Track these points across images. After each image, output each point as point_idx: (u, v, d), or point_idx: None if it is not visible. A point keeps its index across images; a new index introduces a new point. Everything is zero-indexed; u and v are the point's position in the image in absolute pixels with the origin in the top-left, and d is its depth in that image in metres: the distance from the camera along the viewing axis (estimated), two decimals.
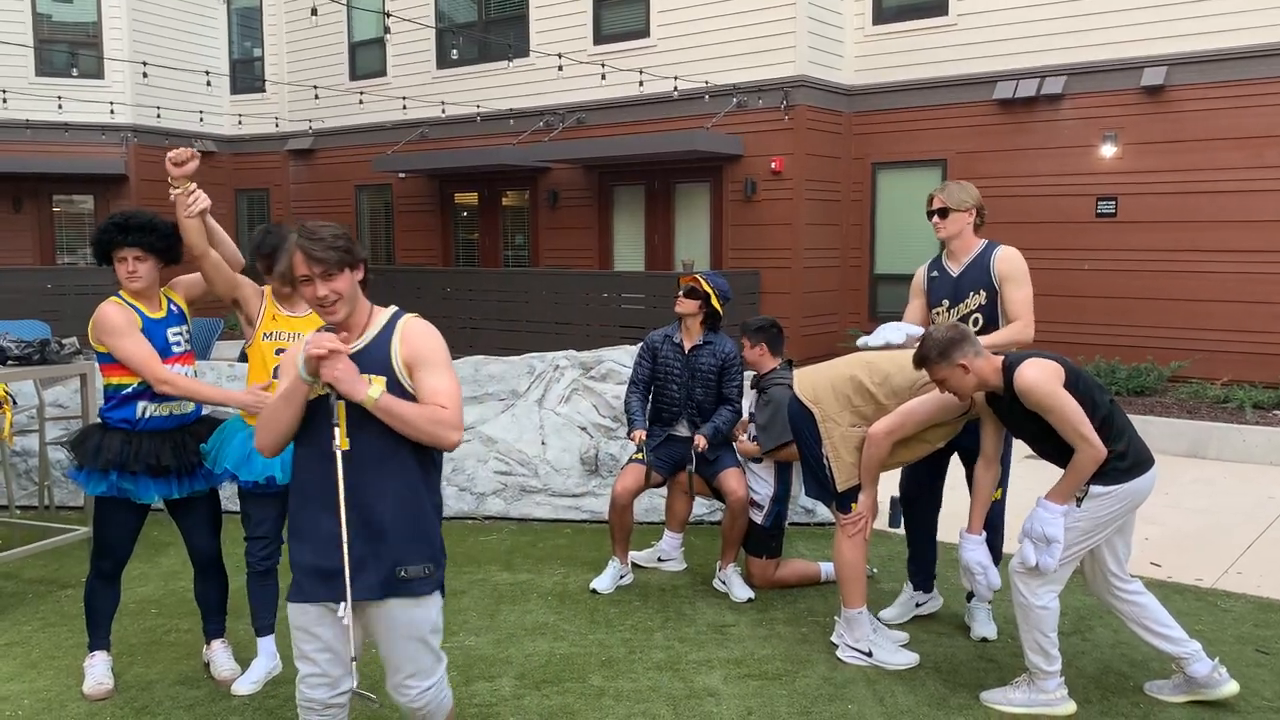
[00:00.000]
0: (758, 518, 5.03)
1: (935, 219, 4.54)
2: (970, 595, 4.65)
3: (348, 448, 2.67)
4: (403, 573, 2.69)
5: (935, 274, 4.63)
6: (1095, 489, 3.62)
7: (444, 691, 2.86)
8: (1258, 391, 9.33)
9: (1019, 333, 4.32)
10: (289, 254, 2.65)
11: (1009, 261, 4.41)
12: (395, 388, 2.69)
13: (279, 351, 3.88)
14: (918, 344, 3.86)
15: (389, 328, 2.76)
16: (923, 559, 4.74)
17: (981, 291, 4.44)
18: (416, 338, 2.73)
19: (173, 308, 3.97)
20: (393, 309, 2.83)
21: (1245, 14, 9.99)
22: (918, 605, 4.76)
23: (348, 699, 2.82)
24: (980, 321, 4.43)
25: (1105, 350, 10.79)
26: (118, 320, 3.76)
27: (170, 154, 3.73)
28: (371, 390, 2.62)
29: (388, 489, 2.70)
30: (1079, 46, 10.90)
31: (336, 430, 2.66)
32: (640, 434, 5.05)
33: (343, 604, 2.67)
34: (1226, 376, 10.11)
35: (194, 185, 3.78)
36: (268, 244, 3.88)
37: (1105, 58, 10.75)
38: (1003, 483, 4.50)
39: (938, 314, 4.58)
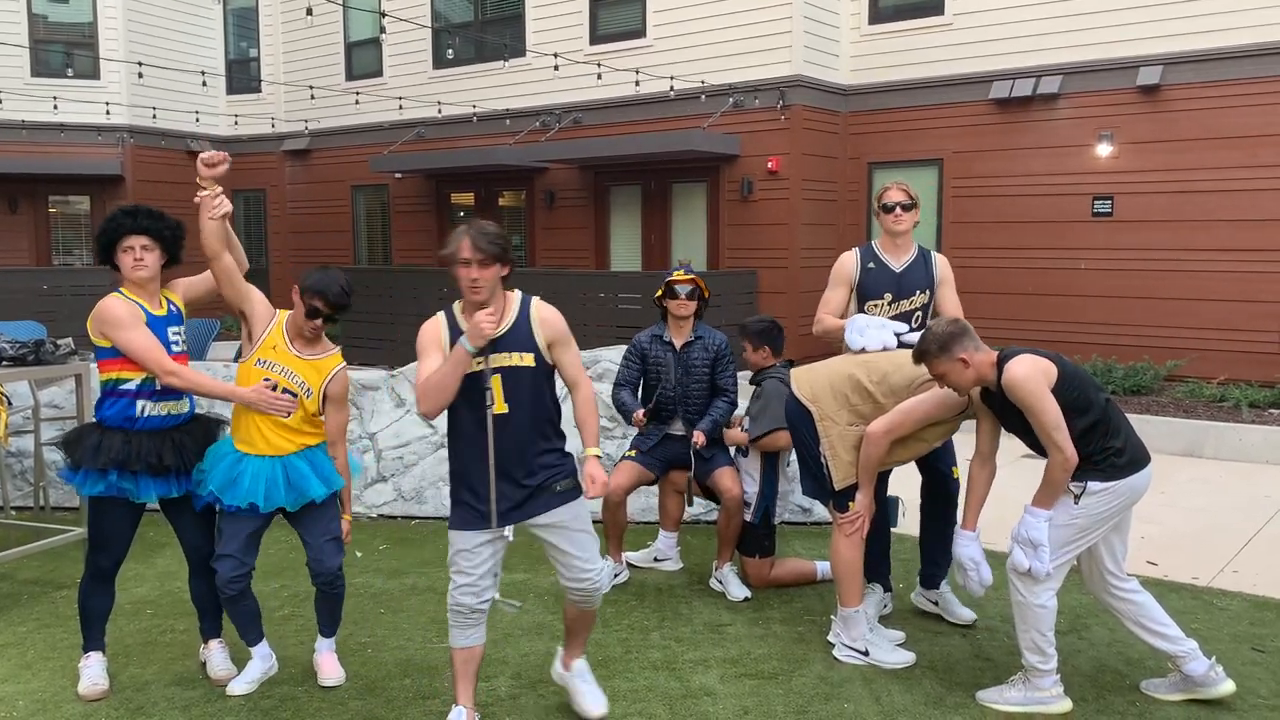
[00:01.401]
0: (746, 515, 5.03)
1: (899, 211, 4.61)
2: (931, 583, 4.72)
3: (505, 410, 3.37)
4: (557, 486, 3.45)
5: (872, 265, 4.67)
6: (1093, 485, 3.63)
7: (605, 577, 3.61)
8: (1254, 390, 9.34)
9: None
10: (456, 238, 3.28)
11: (947, 267, 4.74)
12: (540, 361, 3.42)
13: (266, 380, 3.86)
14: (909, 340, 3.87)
15: (524, 311, 3.46)
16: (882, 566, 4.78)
17: (926, 291, 4.65)
18: (552, 321, 3.48)
19: (172, 307, 3.96)
20: (518, 293, 3.50)
21: (1239, 13, 10.00)
22: (885, 606, 4.77)
23: (487, 606, 3.49)
24: (921, 319, 4.61)
25: (1101, 349, 10.80)
26: (121, 312, 3.76)
27: (203, 155, 3.76)
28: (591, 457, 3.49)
29: (536, 439, 3.42)
30: (1074, 46, 10.91)
31: (490, 395, 3.35)
32: (641, 414, 5.00)
33: (507, 528, 3.42)
34: (1222, 375, 10.12)
35: (220, 188, 3.79)
36: (333, 290, 3.83)
37: (1100, 57, 10.77)
38: (954, 462, 4.64)
39: (876, 307, 4.61)
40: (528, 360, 3.40)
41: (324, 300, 3.84)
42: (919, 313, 4.63)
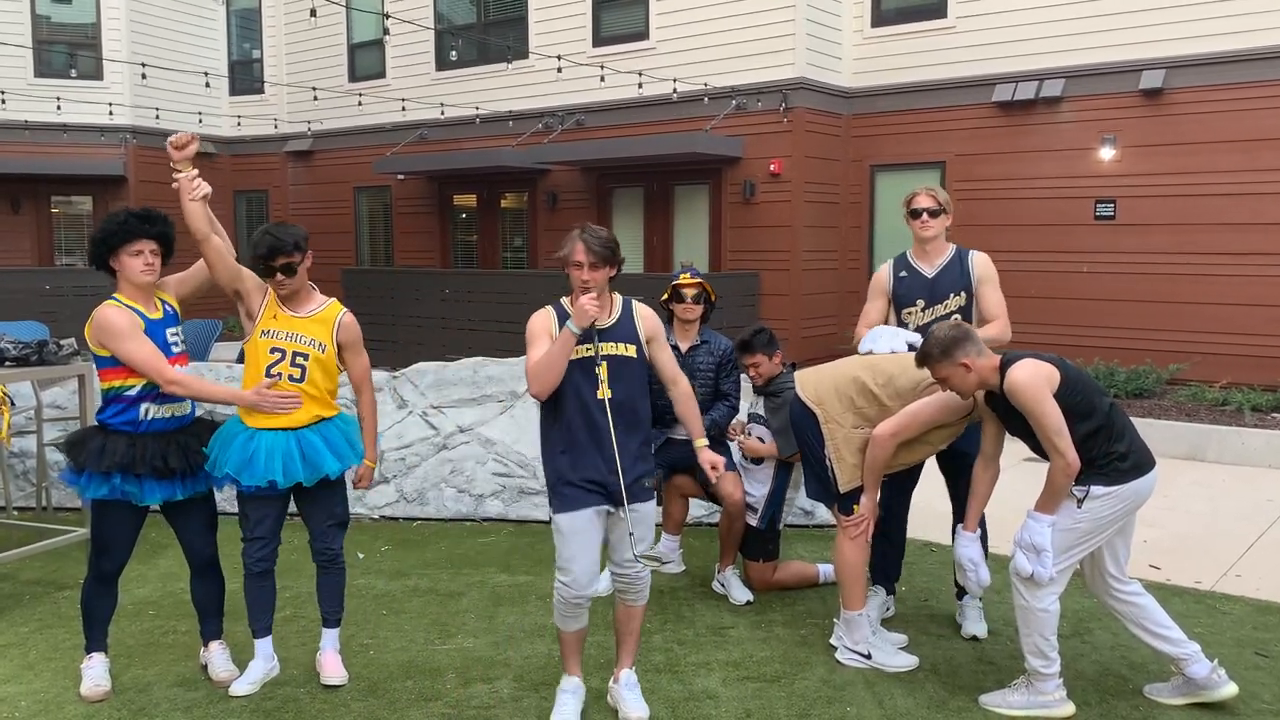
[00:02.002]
0: (752, 520, 5.01)
1: (925, 217, 4.55)
2: (961, 593, 4.65)
3: (609, 395, 3.59)
4: (647, 483, 3.71)
5: (904, 274, 4.64)
6: (1097, 489, 3.62)
7: (648, 572, 3.82)
8: (1256, 394, 9.33)
9: (1002, 330, 4.46)
10: (571, 241, 3.55)
11: (986, 265, 4.59)
12: (640, 353, 3.69)
13: (274, 350, 3.86)
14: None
15: (627, 308, 3.73)
16: (890, 568, 4.75)
17: (962, 293, 4.55)
18: (651, 319, 3.76)
19: (167, 308, 3.95)
20: (618, 296, 3.75)
21: (1243, 17, 10.00)
22: (887, 610, 4.75)
23: (596, 594, 3.77)
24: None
25: (1104, 353, 10.78)
26: (120, 322, 3.74)
27: (171, 139, 3.77)
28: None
29: (639, 430, 3.68)
30: (1077, 49, 10.90)
31: (598, 379, 3.59)
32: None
33: (622, 507, 3.62)
34: (1225, 379, 10.11)
35: (195, 170, 3.79)
36: (264, 244, 3.83)
37: (1104, 60, 10.76)
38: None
39: (910, 314, 4.58)
40: (631, 351, 3.65)
41: (256, 259, 3.84)
42: (956, 316, 4.50)
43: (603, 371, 3.60)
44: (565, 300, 3.69)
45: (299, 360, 3.87)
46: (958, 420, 4.03)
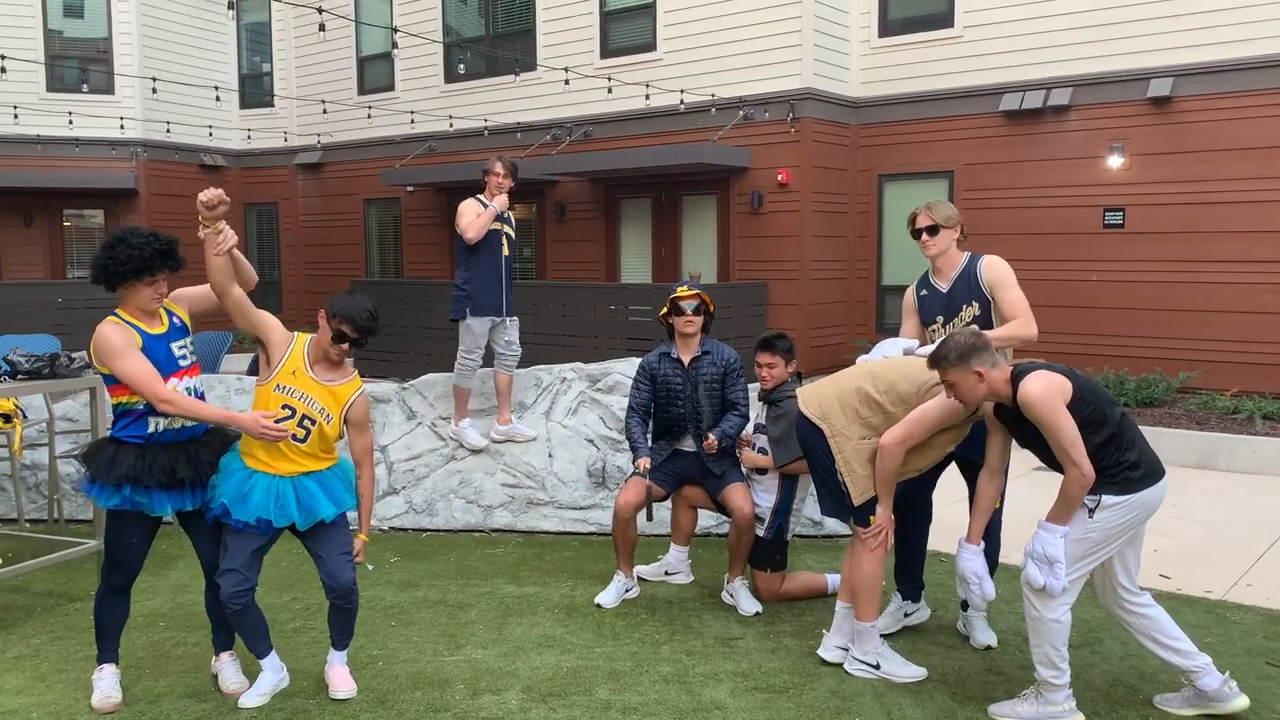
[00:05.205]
0: (759, 530, 5.01)
1: (925, 237, 4.55)
2: (965, 604, 4.64)
3: None
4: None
5: (925, 292, 4.64)
6: (1108, 499, 3.62)
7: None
8: (1267, 402, 9.29)
9: (1021, 329, 4.32)
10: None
11: (995, 268, 4.46)
12: None
13: (285, 407, 3.88)
14: (921, 354, 3.87)
15: None
16: (911, 569, 4.74)
17: (975, 303, 4.48)
18: None
19: (175, 320, 3.96)
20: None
21: (1251, 25, 10.00)
22: (906, 615, 4.75)
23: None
24: None
25: (1114, 361, 10.76)
26: (117, 341, 3.75)
27: (201, 196, 3.76)
28: None
29: None
30: (1085, 58, 10.91)
31: None
32: (645, 461, 5.01)
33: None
34: (1236, 387, 10.07)
35: (223, 224, 3.81)
36: (357, 317, 3.89)
37: (1112, 69, 10.77)
38: (1000, 493, 4.54)
39: (933, 331, 4.58)
40: None
41: (351, 325, 3.89)
42: (974, 326, 4.43)
43: None
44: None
45: (306, 423, 3.90)
46: (963, 422, 4.02)
